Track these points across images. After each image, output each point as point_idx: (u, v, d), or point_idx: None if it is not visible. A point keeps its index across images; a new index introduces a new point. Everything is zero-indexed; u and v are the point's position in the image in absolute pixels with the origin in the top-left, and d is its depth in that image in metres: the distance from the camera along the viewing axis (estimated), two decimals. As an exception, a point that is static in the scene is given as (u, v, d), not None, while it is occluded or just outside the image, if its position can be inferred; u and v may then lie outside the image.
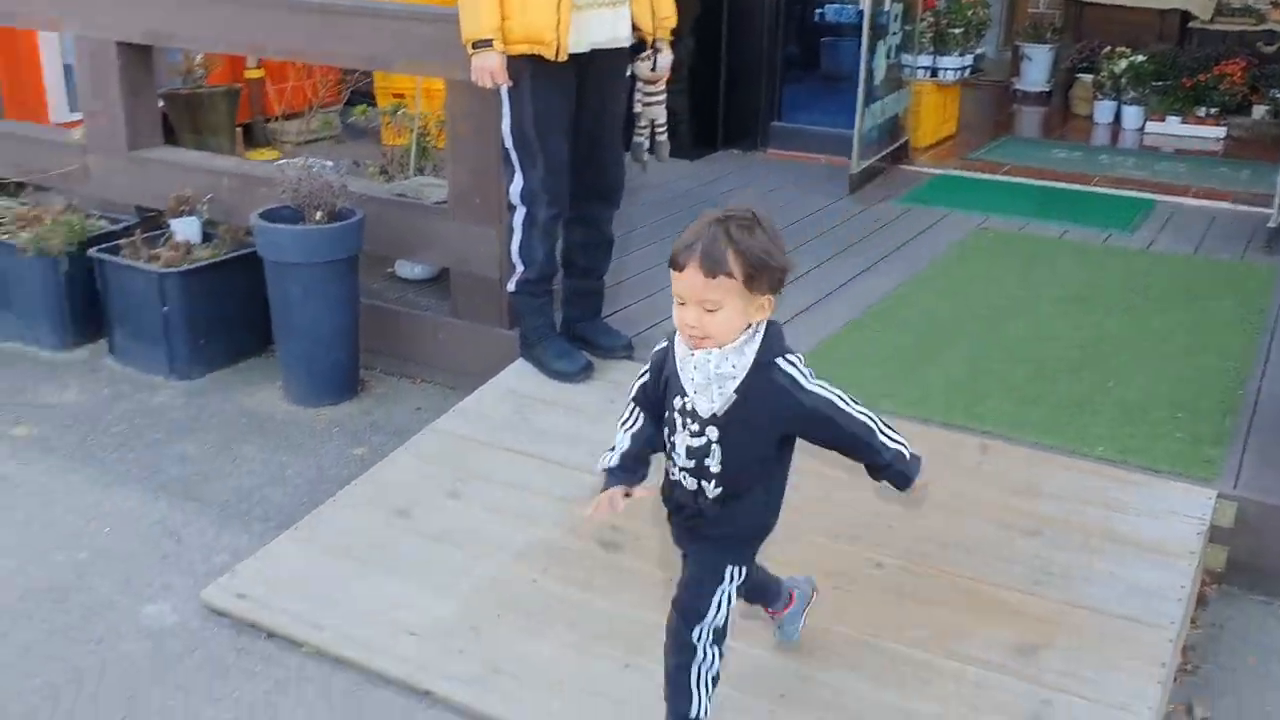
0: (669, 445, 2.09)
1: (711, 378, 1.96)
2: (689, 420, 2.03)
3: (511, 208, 3.58)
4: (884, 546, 2.93)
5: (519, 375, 3.80)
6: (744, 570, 2.20)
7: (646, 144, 3.80)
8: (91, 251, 4.22)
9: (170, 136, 5.42)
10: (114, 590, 2.92)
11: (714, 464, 2.04)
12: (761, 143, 6.81)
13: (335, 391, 3.97)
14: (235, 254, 4.18)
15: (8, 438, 3.69)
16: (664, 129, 3.80)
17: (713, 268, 1.88)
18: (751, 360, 1.96)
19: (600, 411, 3.54)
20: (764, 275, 1.90)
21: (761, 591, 2.49)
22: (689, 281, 1.91)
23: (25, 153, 4.91)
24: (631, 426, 2.17)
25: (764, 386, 1.96)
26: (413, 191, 4.42)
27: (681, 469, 2.09)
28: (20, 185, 4.95)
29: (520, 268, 3.63)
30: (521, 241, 3.58)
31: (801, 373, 1.99)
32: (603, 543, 2.99)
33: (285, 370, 4.01)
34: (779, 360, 1.98)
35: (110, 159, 4.67)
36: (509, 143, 3.49)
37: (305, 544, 3.05)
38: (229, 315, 4.19)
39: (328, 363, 3.94)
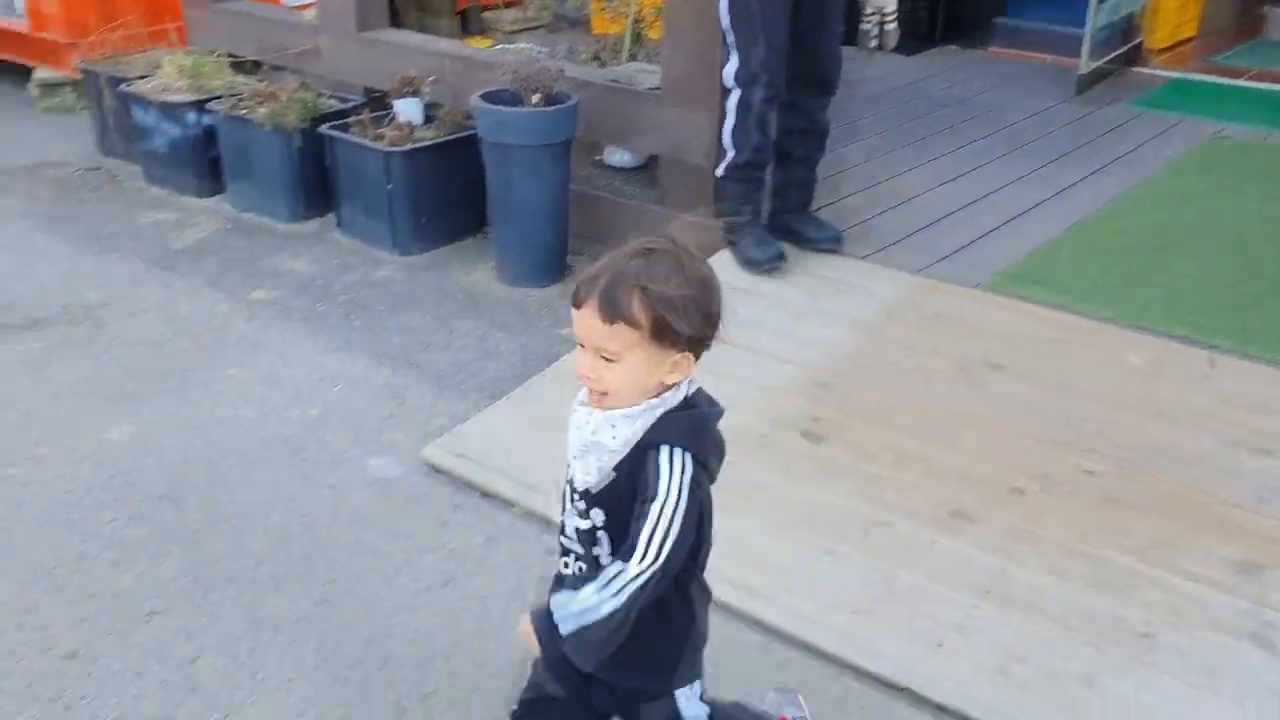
0: (560, 525, 1.68)
1: (588, 444, 1.57)
2: (575, 495, 1.62)
3: (725, 91, 3.56)
4: (1096, 453, 2.84)
5: (724, 266, 3.80)
6: (699, 682, 1.74)
7: (874, 32, 3.69)
8: (323, 129, 4.42)
9: (395, 19, 5.58)
10: (344, 443, 3.12)
11: (604, 556, 1.59)
12: (983, 40, 6.52)
13: (544, 274, 4.08)
14: (455, 136, 4.30)
15: (248, 301, 3.95)
16: (893, 17, 3.68)
17: (612, 312, 1.48)
18: (640, 436, 1.53)
19: (804, 306, 3.54)
20: (678, 328, 1.49)
21: None
22: (585, 323, 1.51)
23: (263, 33, 5.16)
24: None
25: (638, 472, 1.53)
26: (626, 78, 4.43)
27: (574, 554, 1.66)
28: (257, 64, 5.21)
29: (730, 153, 3.61)
30: (734, 125, 3.55)
31: (673, 473, 1.51)
32: (805, 433, 3.00)
33: (499, 251, 4.14)
34: (662, 450, 1.51)
35: (340, 40, 4.86)
36: (726, 22, 3.45)
37: (518, 413, 3.18)
38: (448, 195, 4.33)
39: (539, 245, 4.05)
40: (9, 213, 4.66)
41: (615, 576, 1.51)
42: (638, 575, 1.50)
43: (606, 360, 1.51)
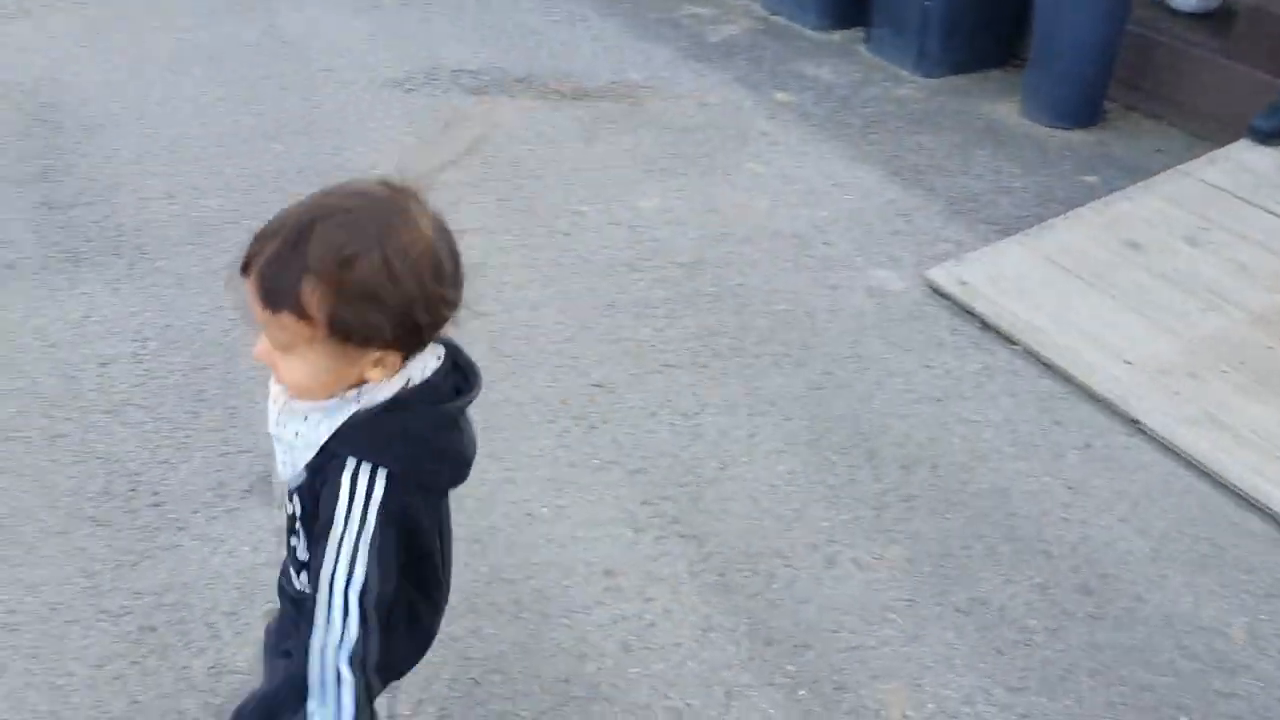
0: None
1: (275, 434, 1.22)
2: None
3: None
4: None
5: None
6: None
7: None
8: (869, -62, 4.35)
9: None
10: (849, 250, 3.18)
11: (300, 550, 1.28)
12: None
13: (1074, 115, 3.84)
14: (1007, -43, 4.09)
15: (772, 101, 4.06)
16: None
17: (273, 300, 1.08)
18: (325, 439, 1.16)
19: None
20: (368, 328, 1.09)
21: None
22: (250, 298, 1.10)
23: None
24: None
25: (327, 480, 1.17)
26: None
27: (286, 538, 1.33)
28: None
29: None
30: None
31: (355, 498, 1.14)
32: (1362, 328, 2.67)
33: (1031, 82, 3.93)
34: (347, 465, 1.15)
35: None
36: None
37: (1030, 251, 3.07)
38: (983, 21, 4.16)
39: (1077, 82, 3.80)
40: (568, -9, 5.07)
41: (321, 671, 1.14)
42: (336, 646, 1.13)
43: (280, 349, 1.12)
